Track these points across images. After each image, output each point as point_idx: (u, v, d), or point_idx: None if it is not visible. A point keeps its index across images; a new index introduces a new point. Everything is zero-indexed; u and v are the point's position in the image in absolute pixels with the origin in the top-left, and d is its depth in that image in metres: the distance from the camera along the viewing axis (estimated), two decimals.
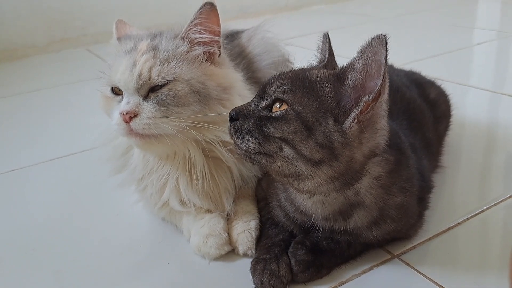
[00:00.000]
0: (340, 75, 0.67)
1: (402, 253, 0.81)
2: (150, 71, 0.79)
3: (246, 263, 0.79)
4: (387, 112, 0.69)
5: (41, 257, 0.89)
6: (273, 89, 0.68)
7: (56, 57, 2.38)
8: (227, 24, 1.27)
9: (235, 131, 0.70)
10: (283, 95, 0.67)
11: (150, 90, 0.80)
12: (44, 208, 1.06)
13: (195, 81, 0.81)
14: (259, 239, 0.84)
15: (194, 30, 0.83)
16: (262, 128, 0.67)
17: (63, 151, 1.31)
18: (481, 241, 0.87)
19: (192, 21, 0.83)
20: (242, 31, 1.21)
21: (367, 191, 0.72)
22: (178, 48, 0.83)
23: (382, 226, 0.75)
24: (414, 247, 0.83)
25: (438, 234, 0.86)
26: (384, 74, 0.63)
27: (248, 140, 0.68)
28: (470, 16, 2.72)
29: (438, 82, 1.19)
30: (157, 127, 0.78)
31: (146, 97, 0.80)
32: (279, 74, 0.71)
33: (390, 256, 0.81)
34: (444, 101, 1.15)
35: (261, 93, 0.70)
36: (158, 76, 0.79)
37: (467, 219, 0.90)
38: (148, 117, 0.78)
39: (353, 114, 0.65)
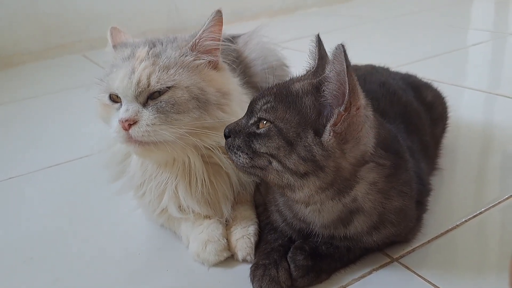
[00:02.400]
0: (318, 87, 0.67)
1: (401, 256, 0.82)
2: (149, 78, 0.79)
3: (246, 268, 0.79)
4: (370, 117, 0.69)
5: (39, 265, 0.89)
6: (258, 106, 0.71)
7: (52, 64, 2.37)
8: (223, 29, 1.28)
9: (228, 148, 0.73)
10: (266, 113, 0.70)
11: (149, 97, 0.80)
12: (41, 216, 1.06)
13: (195, 88, 0.81)
14: (258, 245, 0.84)
15: (206, 38, 0.84)
16: (250, 145, 0.70)
17: (60, 158, 1.31)
18: (479, 243, 0.87)
19: (204, 30, 0.84)
20: (238, 36, 1.21)
21: (365, 197, 0.72)
22: (185, 56, 0.83)
23: (382, 230, 0.75)
24: (413, 250, 0.83)
25: (436, 237, 0.86)
26: (350, 83, 0.63)
27: (239, 156, 0.71)
28: (465, 17, 2.73)
29: (434, 84, 1.20)
30: (156, 134, 0.78)
31: (145, 104, 0.80)
32: (265, 90, 0.73)
33: (390, 260, 0.81)
34: (441, 103, 1.16)
35: (250, 110, 0.73)
36: (157, 82, 0.79)
37: (465, 221, 0.90)
38: (147, 124, 0.78)
39: (328, 127, 0.65)
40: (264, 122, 0.69)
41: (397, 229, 0.77)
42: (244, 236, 0.83)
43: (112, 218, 1.02)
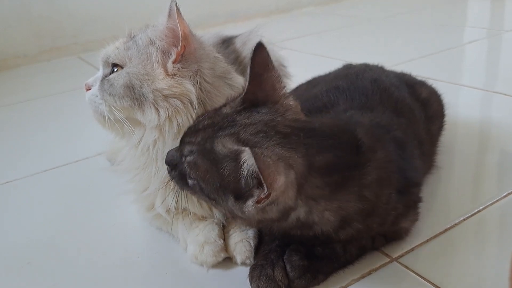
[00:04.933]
0: (238, 158, 0.64)
1: (401, 256, 0.81)
2: (114, 51, 0.84)
3: (245, 270, 0.79)
4: (292, 178, 0.65)
5: (36, 270, 0.89)
6: (185, 152, 0.71)
7: (47, 66, 2.36)
8: (219, 30, 1.28)
9: (168, 174, 0.76)
10: (190, 170, 0.70)
11: (111, 72, 0.84)
12: (38, 220, 1.05)
13: (134, 77, 0.80)
14: (258, 247, 0.83)
15: (160, 36, 0.82)
16: (183, 186, 0.73)
17: (57, 162, 1.30)
18: (478, 241, 0.87)
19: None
20: (235, 37, 1.21)
21: (309, 217, 0.69)
22: (147, 45, 0.83)
23: (348, 228, 0.74)
24: (412, 249, 0.83)
25: (435, 236, 0.86)
26: (271, 178, 0.61)
27: (177, 186, 0.75)
28: (460, 15, 2.74)
29: (430, 82, 1.20)
30: (95, 106, 0.85)
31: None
32: (190, 130, 0.73)
33: (389, 260, 0.81)
34: (436, 100, 1.15)
35: (180, 147, 0.73)
36: (115, 55, 0.84)
37: (464, 219, 0.90)
38: (92, 94, 0.86)
39: (249, 202, 0.65)
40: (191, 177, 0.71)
41: (367, 224, 0.75)
42: (243, 240, 0.83)
43: (110, 221, 1.01)
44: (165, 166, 0.83)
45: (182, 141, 0.73)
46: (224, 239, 0.85)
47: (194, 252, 0.83)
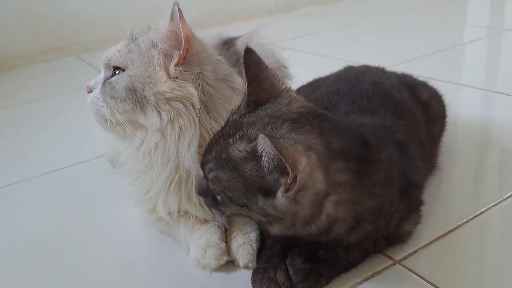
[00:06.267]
0: (255, 153, 0.64)
1: (404, 258, 0.81)
2: (115, 53, 0.84)
3: (248, 273, 0.79)
4: (314, 159, 0.65)
5: (39, 274, 0.88)
6: (206, 172, 0.72)
7: (47, 67, 2.36)
8: (219, 29, 1.27)
9: (206, 205, 0.78)
10: (214, 185, 0.71)
11: (114, 73, 0.84)
12: (40, 224, 1.05)
13: (136, 80, 0.80)
14: (260, 251, 0.83)
15: (162, 39, 0.81)
16: (218, 207, 0.74)
17: (58, 164, 1.30)
18: (481, 243, 0.87)
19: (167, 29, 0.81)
20: (237, 38, 1.20)
21: (337, 210, 0.70)
22: (149, 48, 0.82)
23: (359, 229, 0.74)
24: (415, 251, 0.83)
25: (438, 238, 0.86)
26: (292, 159, 0.61)
27: (216, 212, 0.77)
28: (460, 14, 2.74)
29: (431, 82, 1.19)
30: (96, 109, 0.84)
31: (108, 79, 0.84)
32: (206, 151, 0.74)
33: (392, 262, 0.81)
34: (438, 101, 1.15)
35: (203, 173, 0.75)
36: (116, 58, 0.83)
37: (466, 221, 0.90)
38: (93, 96, 0.85)
39: (279, 193, 0.65)
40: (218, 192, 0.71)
41: (376, 226, 0.75)
42: (245, 243, 0.83)
43: (112, 224, 1.01)
44: (166, 169, 0.83)
45: (201, 163, 0.74)
46: (226, 242, 0.85)
47: (196, 255, 0.83)
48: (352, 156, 0.70)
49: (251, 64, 0.74)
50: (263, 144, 0.62)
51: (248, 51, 0.75)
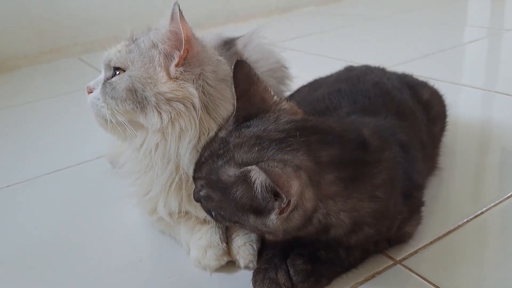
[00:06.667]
0: (247, 180, 0.64)
1: (404, 258, 0.81)
2: (115, 54, 0.84)
3: (248, 274, 0.79)
4: (305, 181, 0.64)
5: (39, 274, 0.88)
6: (198, 188, 0.74)
7: (48, 68, 2.36)
8: (219, 30, 1.27)
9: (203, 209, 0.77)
10: (205, 202, 0.72)
11: (114, 73, 0.84)
12: (40, 224, 1.05)
13: (137, 80, 0.80)
14: (261, 251, 0.83)
15: (163, 39, 0.81)
16: (212, 217, 0.75)
17: (58, 165, 1.30)
18: (482, 243, 0.87)
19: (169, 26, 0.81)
20: (237, 38, 1.20)
21: (327, 219, 0.69)
22: (150, 48, 0.82)
23: (360, 232, 0.74)
24: (415, 252, 0.83)
25: (439, 238, 0.86)
26: (286, 185, 0.61)
27: (213, 218, 0.75)
28: (461, 14, 2.74)
29: (431, 82, 1.19)
30: (97, 109, 0.84)
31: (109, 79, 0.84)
32: (197, 165, 0.75)
33: (392, 262, 0.81)
34: (438, 102, 1.15)
35: (195, 184, 0.76)
36: (116, 58, 0.83)
37: (467, 221, 0.90)
38: (94, 97, 0.85)
39: (273, 216, 0.65)
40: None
41: (377, 229, 0.75)
42: (246, 243, 0.83)
43: (112, 225, 1.01)
44: (167, 170, 0.83)
45: (193, 178, 0.76)
46: (227, 243, 0.85)
47: (197, 256, 0.83)
48: (345, 163, 0.70)
49: (241, 78, 0.74)
50: (258, 175, 0.62)
51: (238, 64, 0.74)
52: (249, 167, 0.63)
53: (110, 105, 0.82)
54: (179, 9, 0.77)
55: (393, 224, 0.78)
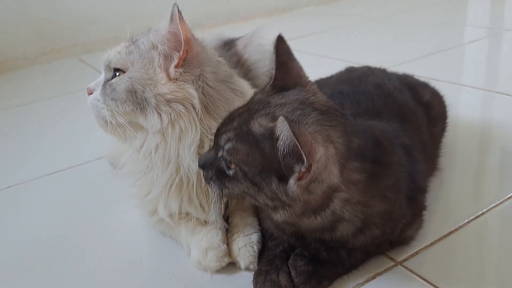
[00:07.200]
0: (272, 134, 0.64)
1: (405, 260, 0.81)
2: (115, 55, 0.84)
3: (249, 275, 0.79)
4: (332, 154, 0.65)
5: (40, 276, 0.88)
6: (222, 143, 0.70)
7: (48, 68, 2.36)
8: (219, 30, 1.27)
9: (205, 180, 0.75)
10: (229, 156, 0.69)
11: (114, 74, 0.84)
12: (41, 226, 1.05)
13: (137, 81, 0.80)
14: (261, 252, 0.83)
15: (163, 40, 0.81)
16: (223, 182, 0.71)
17: (58, 166, 1.30)
18: (482, 244, 0.87)
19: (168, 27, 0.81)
20: (237, 39, 1.20)
21: (343, 209, 0.70)
22: (150, 50, 0.82)
23: (367, 232, 0.75)
24: (416, 253, 0.83)
25: (439, 239, 0.86)
26: (309, 147, 0.61)
27: (215, 188, 0.72)
28: (461, 14, 2.73)
29: (431, 83, 1.19)
30: (97, 110, 0.84)
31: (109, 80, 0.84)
32: (225, 122, 0.73)
33: (393, 263, 0.81)
34: (439, 102, 1.15)
35: (215, 142, 0.73)
36: (116, 60, 0.83)
37: (468, 222, 0.90)
38: (94, 98, 0.85)
39: (291, 181, 0.64)
40: (232, 164, 0.70)
41: (383, 230, 0.76)
42: (247, 245, 0.83)
43: (113, 226, 1.01)
44: (167, 171, 0.83)
45: (217, 133, 0.73)
46: (227, 244, 0.84)
47: (198, 257, 0.83)
48: (368, 157, 0.71)
49: (282, 51, 0.74)
50: (281, 127, 0.61)
51: (280, 39, 0.74)
52: (277, 120, 0.62)
53: (110, 106, 0.82)
54: (178, 10, 0.77)
55: (397, 227, 0.79)
